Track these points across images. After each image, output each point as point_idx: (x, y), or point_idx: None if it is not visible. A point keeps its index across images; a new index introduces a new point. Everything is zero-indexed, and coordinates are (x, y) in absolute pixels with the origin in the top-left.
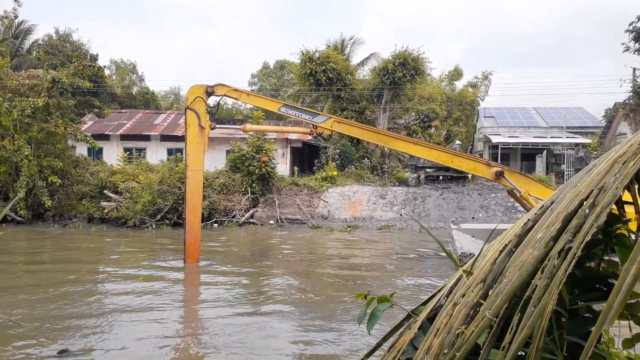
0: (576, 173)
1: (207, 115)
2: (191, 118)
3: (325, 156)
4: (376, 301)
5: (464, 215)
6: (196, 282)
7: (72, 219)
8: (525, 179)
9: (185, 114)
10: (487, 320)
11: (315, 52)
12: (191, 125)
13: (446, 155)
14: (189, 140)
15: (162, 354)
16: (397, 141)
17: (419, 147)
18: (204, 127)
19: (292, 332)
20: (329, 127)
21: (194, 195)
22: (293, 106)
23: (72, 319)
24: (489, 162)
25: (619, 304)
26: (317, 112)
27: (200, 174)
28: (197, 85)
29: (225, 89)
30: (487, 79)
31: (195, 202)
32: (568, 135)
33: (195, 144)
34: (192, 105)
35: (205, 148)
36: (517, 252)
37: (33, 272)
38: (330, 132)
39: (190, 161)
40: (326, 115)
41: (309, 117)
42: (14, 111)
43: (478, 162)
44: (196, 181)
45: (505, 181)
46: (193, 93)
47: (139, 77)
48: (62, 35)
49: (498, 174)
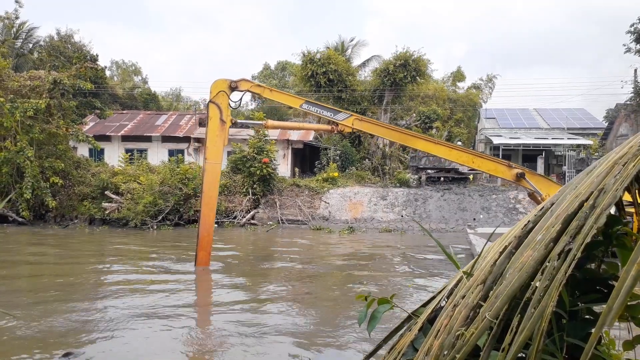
0: (577, 174)
1: (228, 110)
2: (213, 112)
3: (326, 157)
4: (376, 303)
5: (465, 216)
6: (199, 283)
7: (74, 219)
8: (547, 181)
9: (208, 108)
10: (487, 322)
11: (316, 53)
12: (213, 118)
13: (467, 155)
14: (209, 133)
15: (167, 355)
16: (417, 140)
17: (439, 146)
18: (225, 122)
19: (292, 333)
20: (350, 124)
21: (210, 189)
22: (315, 103)
23: (76, 321)
24: (510, 163)
25: (619, 306)
26: (339, 110)
27: (218, 168)
28: (220, 79)
29: (249, 84)
30: (491, 81)
31: (211, 195)
32: (569, 137)
33: (215, 138)
34: (214, 99)
35: (225, 142)
36: (517, 253)
37: (35, 273)
38: (351, 129)
39: (210, 154)
40: (347, 112)
41: (330, 114)
42: (16, 112)
43: (499, 164)
44: (214, 175)
45: (526, 183)
46: (216, 87)
47: (143, 79)
48: (64, 36)
49: (519, 176)
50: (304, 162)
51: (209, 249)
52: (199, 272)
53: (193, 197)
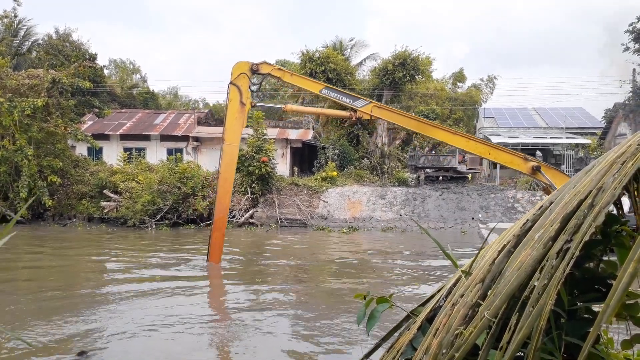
0: (576, 173)
1: (249, 92)
2: (233, 93)
3: (325, 156)
4: (375, 302)
5: (464, 215)
6: (205, 283)
7: (72, 218)
8: (562, 176)
9: (228, 89)
10: (486, 321)
11: (315, 52)
12: (233, 100)
13: (484, 147)
14: (229, 115)
15: (173, 355)
16: (436, 130)
17: (457, 137)
18: (244, 104)
19: (291, 332)
20: (369, 111)
21: (227, 171)
22: (334, 89)
23: (86, 322)
24: (526, 156)
25: (616, 303)
26: (358, 96)
27: (235, 150)
28: (242, 61)
29: (270, 67)
30: (492, 82)
31: (227, 177)
32: (568, 136)
33: (234, 120)
34: (235, 80)
35: (244, 125)
36: (516, 252)
37: (38, 273)
38: (370, 116)
39: (228, 136)
40: (366, 99)
41: (349, 100)
42: (15, 111)
43: (515, 156)
44: (231, 157)
45: (541, 176)
46: (238, 69)
47: (142, 78)
48: (62, 35)
49: (534, 169)
50: (302, 161)
51: (223, 231)
52: (206, 270)
53: (191, 196)
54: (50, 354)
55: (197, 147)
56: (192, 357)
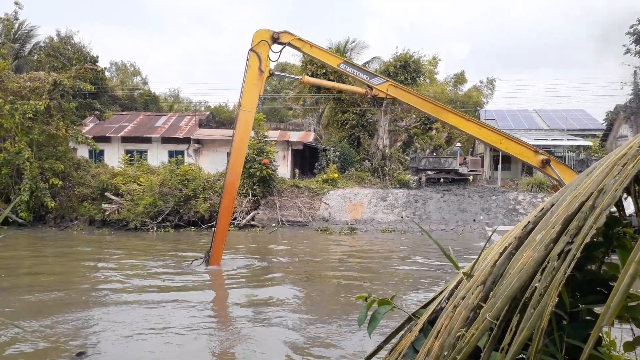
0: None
1: (268, 61)
2: (253, 60)
3: (326, 158)
4: (377, 304)
5: (465, 217)
6: (205, 284)
7: (74, 221)
8: (571, 172)
9: (248, 56)
10: (488, 323)
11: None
12: (252, 67)
13: (496, 135)
14: (247, 81)
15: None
16: (448, 114)
17: (470, 123)
18: (263, 71)
19: (292, 334)
20: (385, 90)
21: (242, 136)
22: (352, 64)
23: (84, 323)
24: (537, 149)
25: (617, 304)
26: (375, 74)
27: (251, 117)
28: (263, 29)
29: (290, 36)
30: (492, 84)
31: (242, 143)
32: (569, 138)
33: (251, 86)
34: (255, 47)
35: (261, 92)
36: (517, 254)
37: (40, 275)
38: (385, 95)
39: (244, 102)
40: (383, 78)
41: (366, 77)
42: (16, 114)
43: (526, 148)
44: (247, 123)
45: (550, 170)
46: (259, 36)
47: (143, 80)
48: (64, 37)
49: (544, 162)
50: (303, 163)
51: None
52: (207, 271)
53: (193, 199)
54: (49, 355)
55: (199, 150)
56: (193, 357)
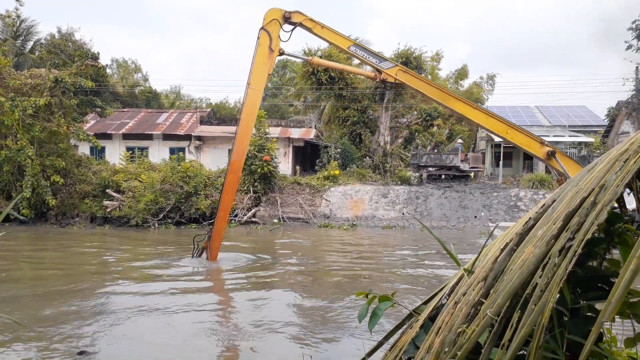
0: None
1: (278, 40)
2: (264, 38)
3: (327, 155)
4: (377, 300)
5: (467, 214)
6: (207, 281)
7: (75, 218)
8: (576, 165)
9: (259, 34)
10: (488, 319)
11: (317, 50)
12: (262, 45)
13: (502, 125)
14: (256, 59)
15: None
16: (456, 101)
17: (477, 111)
18: (273, 50)
19: (292, 330)
20: (394, 74)
21: (248, 114)
22: (362, 47)
23: (86, 322)
24: (543, 140)
25: (618, 300)
26: (385, 58)
27: (259, 95)
28: (275, 8)
29: (302, 17)
30: (492, 80)
31: (249, 120)
32: (571, 134)
33: (261, 65)
34: (266, 26)
35: (270, 71)
36: (518, 250)
37: (41, 273)
38: (394, 79)
39: (253, 80)
40: (393, 62)
41: (375, 60)
42: (16, 111)
43: (532, 139)
44: (253, 102)
45: (555, 163)
46: (270, 15)
47: (144, 76)
48: (65, 34)
49: (550, 154)
50: (304, 160)
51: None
52: (207, 267)
53: (194, 195)
54: (51, 354)
55: (200, 146)
56: (196, 355)
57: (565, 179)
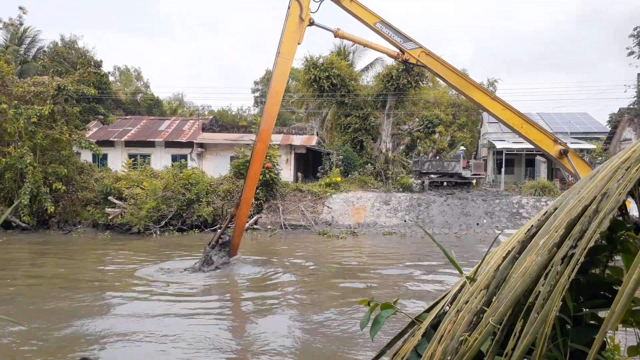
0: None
1: (309, 9)
2: (294, 8)
3: (329, 162)
4: (379, 307)
5: (469, 221)
6: (209, 289)
7: (77, 225)
8: (586, 166)
9: (290, 4)
10: (491, 327)
11: (319, 58)
12: (292, 15)
13: (518, 119)
14: (287, 28)
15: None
16: (475, 90)
17: (494, 102)
18: (303, 20)
19: (294, 337)
20: (416, 56)
21: (278, 84)
22: (388, 25)
23: (87, 328)
24: (556, 138)
25: (621, 309)
26: (410, 38)
27: (289, 64)
28: None
29: None
30: (493, 86)
31: (278, 90)
32: (572, 141)
33: (292, 34)
34: None
35: (300, 41)
36: (521, 258)
37: (43, 280)
38: (416, 61)
39: (284, 49)
40: (417, 44)
41: (400, 40)
42: (20, 119)
43: (545, 135)
44: (283, 70)
45: (567, 162)
46: None
47: (145, 83)
48: (68, 42)
49: (562, 152)
50: (306, 167)
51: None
52: (207, 276)
53: (196, 202)
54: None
55: (202, 154)
56: None
57: (576, 180)
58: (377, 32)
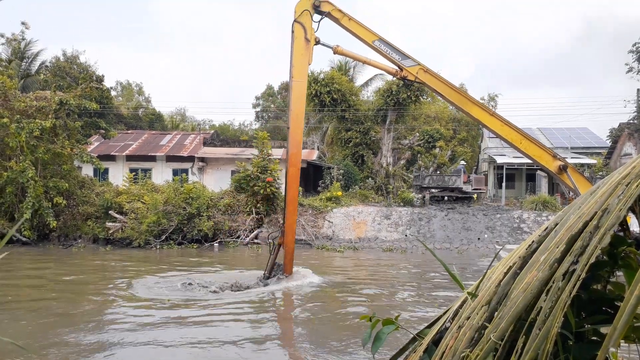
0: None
1: (312, 29)
2: (298, 31)
3: (330, 176)
4: (381, 324)
5: (470, 236)
6: (207, 305)
7: (77, 239)
8: (586, 182)
9: (293, 28)
10: (492, 343)
11: (320, 73)
12: (298, 37)
13: (517, 135)
14: (295, 52)
15: None
16: (473, 106)
17: (493, 118)
18: (309, 40)
19: (296, 354)
20: (415, 73)
21: (297, 106)
22: (387, 42)
23: (90, 345)
24: (555, 153)
25: (623, 325)
26: (408, 55)
27: (304, 86)
28: None
29: (331, 6)
30: (494, 100)
31: (298, 112)
32: (573, 156)
33: (300, 56)
34: (299, 18)
35: (310, 61)
36: (522, 274)
37: (40, 293)
38: (414, 78)
39: (295, 73)
40: (415, 61)
41: (398, 57)
42: (22, 133)
43: (545, 151)
44: (300, 92)
45: (566, 178)
46: (301, 6)
47: (146, 98)
48: (70, 57)
49: (561, 168)
50: (307, 181)
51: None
52: (204, 292)
53: (196, 217)
54: None
55: (203, 168)
56: None
57: (576, 196)
58: (375, 50)
